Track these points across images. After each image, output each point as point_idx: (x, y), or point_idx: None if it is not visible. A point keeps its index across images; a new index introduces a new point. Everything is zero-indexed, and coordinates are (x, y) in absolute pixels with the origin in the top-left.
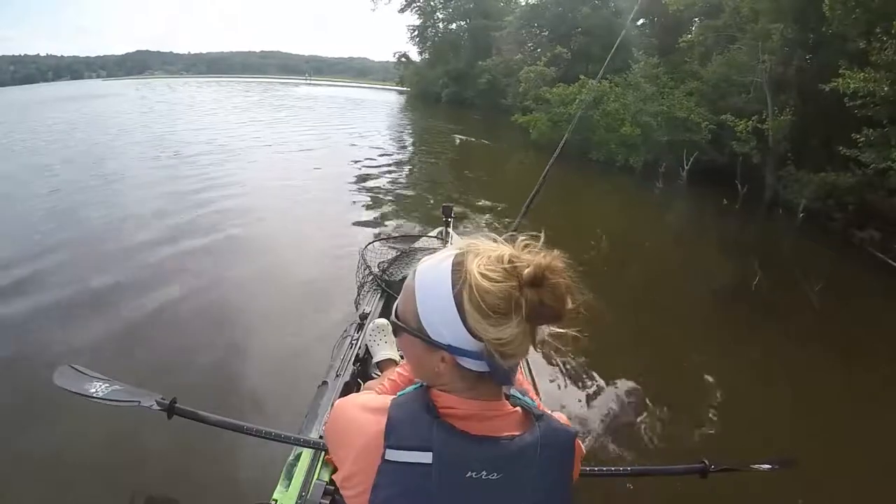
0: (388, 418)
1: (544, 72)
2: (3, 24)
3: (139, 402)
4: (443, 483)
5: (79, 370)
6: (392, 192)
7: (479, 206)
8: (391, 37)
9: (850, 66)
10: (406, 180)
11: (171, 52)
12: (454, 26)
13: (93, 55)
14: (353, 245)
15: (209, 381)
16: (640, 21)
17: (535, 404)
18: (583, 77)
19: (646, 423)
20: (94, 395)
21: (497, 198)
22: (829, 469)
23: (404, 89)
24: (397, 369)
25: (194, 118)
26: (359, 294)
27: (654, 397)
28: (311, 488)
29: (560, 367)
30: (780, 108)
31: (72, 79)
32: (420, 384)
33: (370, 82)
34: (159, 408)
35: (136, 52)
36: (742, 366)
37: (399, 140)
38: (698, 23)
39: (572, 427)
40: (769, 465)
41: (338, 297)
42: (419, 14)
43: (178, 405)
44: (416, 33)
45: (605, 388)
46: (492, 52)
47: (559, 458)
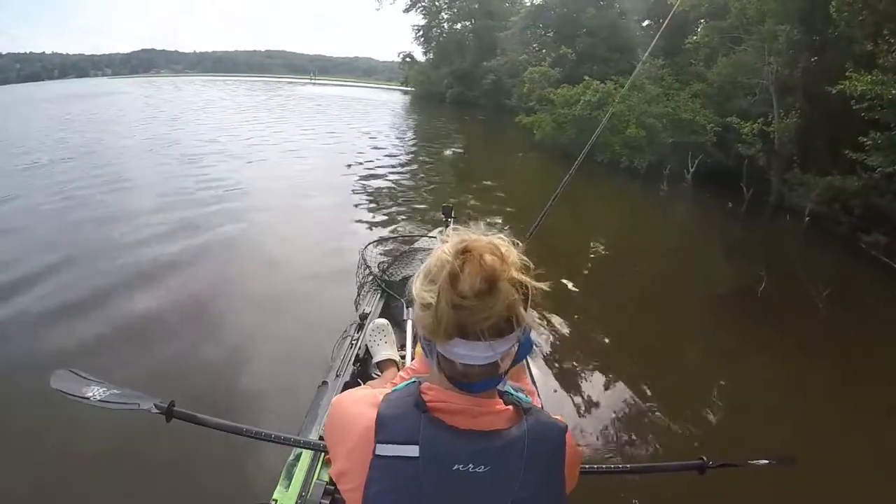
0: (378, 414)
1: (549, 72)
2: (8, 23)
3: (137, 406)
4: (430, 475)
5: (76, 373)
6: (393, 192)
7: (479, 207)
8: (396, 37)
9: (857, 69)
10: (408, 182)
11: (176, 50)
12: (459, 26)
13: (98, 53)
14: (353, 245)
15: (209, 382)
16: (646, 22)
17: (529, 400)
18: (587, 78)
19: (646, 423)
20: (92, 398)
21: (499, 202)
22: (829, 469)
23: (409, 89)
24: (400, 373)
25: (203, 117)
26: (359, 294)
27: (655, 398)
28: (311, 488)
29: (562, 367)
30: (786, 111)
31: (77, 77)
32: (413, 380)
33: (375, 82)
34: (157, 411)
35: (142, 50)
36: (746, 369)
37: (402, 140)
38: (704, 24)
39: (563, 422)
40: (768, 462)
41: (338, 297)
42: (424, 14)
43: (176, 408)
44: (420, 33)
45: (607, 389)
46: (496, 52)
47: (548, 452)
